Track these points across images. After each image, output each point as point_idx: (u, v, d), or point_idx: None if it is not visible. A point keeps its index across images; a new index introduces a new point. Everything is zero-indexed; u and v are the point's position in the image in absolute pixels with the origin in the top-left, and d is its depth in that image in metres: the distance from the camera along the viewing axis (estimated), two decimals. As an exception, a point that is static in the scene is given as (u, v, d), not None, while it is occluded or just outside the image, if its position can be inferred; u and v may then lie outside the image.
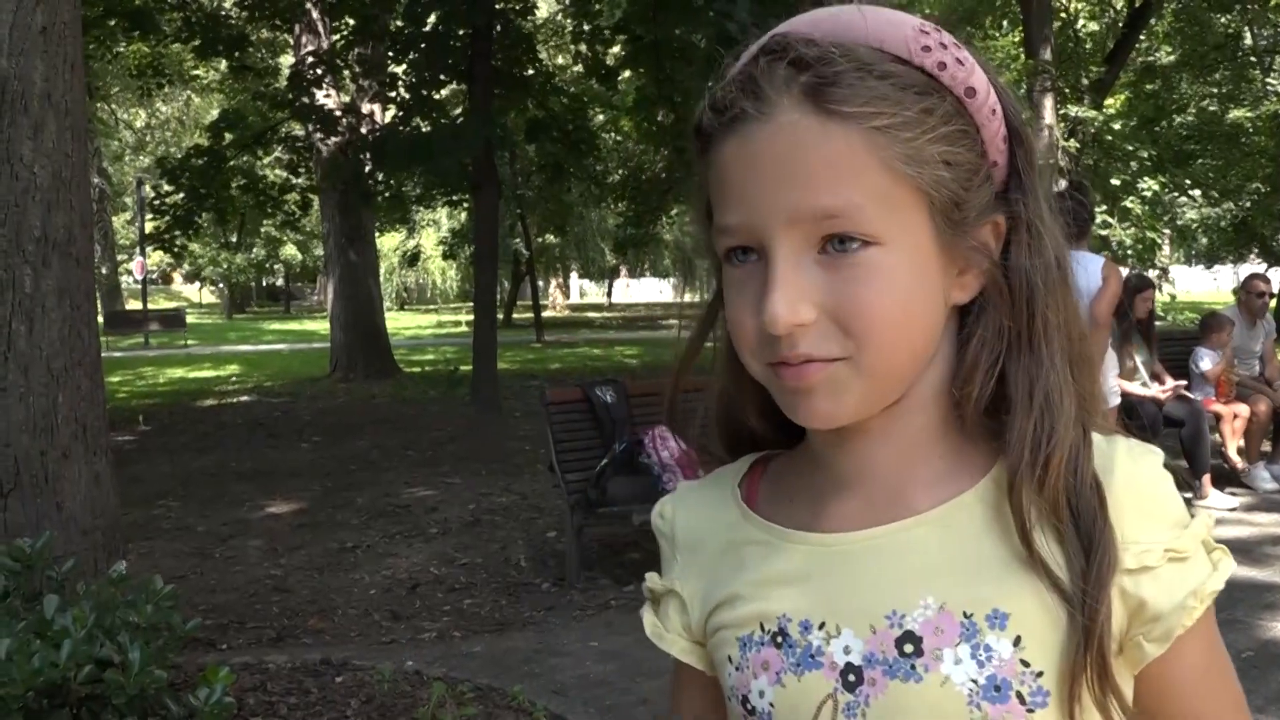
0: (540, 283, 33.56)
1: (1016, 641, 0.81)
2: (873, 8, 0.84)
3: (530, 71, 13.32)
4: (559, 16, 22.83)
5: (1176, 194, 26.72)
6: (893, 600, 0.84)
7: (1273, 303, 8.90)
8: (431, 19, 11.98)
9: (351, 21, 14.22)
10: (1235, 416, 7.84)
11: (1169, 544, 0.82)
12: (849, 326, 0.79)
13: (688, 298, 59.03)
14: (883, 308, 0.79)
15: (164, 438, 12.28)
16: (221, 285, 50.07)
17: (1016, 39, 21.65)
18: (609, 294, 60.05)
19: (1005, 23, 24.84)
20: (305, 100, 13.67)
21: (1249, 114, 21.80)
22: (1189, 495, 7.06)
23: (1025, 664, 0.80)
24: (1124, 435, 0.88)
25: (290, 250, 44.53)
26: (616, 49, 15.47)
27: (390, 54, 13.27)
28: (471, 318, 13.00)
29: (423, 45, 12.25)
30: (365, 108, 15.90)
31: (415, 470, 9.76)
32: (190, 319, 35.13)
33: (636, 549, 6.85)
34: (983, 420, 0.86)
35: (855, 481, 0.89)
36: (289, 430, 12.65)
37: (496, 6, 11.92)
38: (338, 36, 16.06)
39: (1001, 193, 0.86)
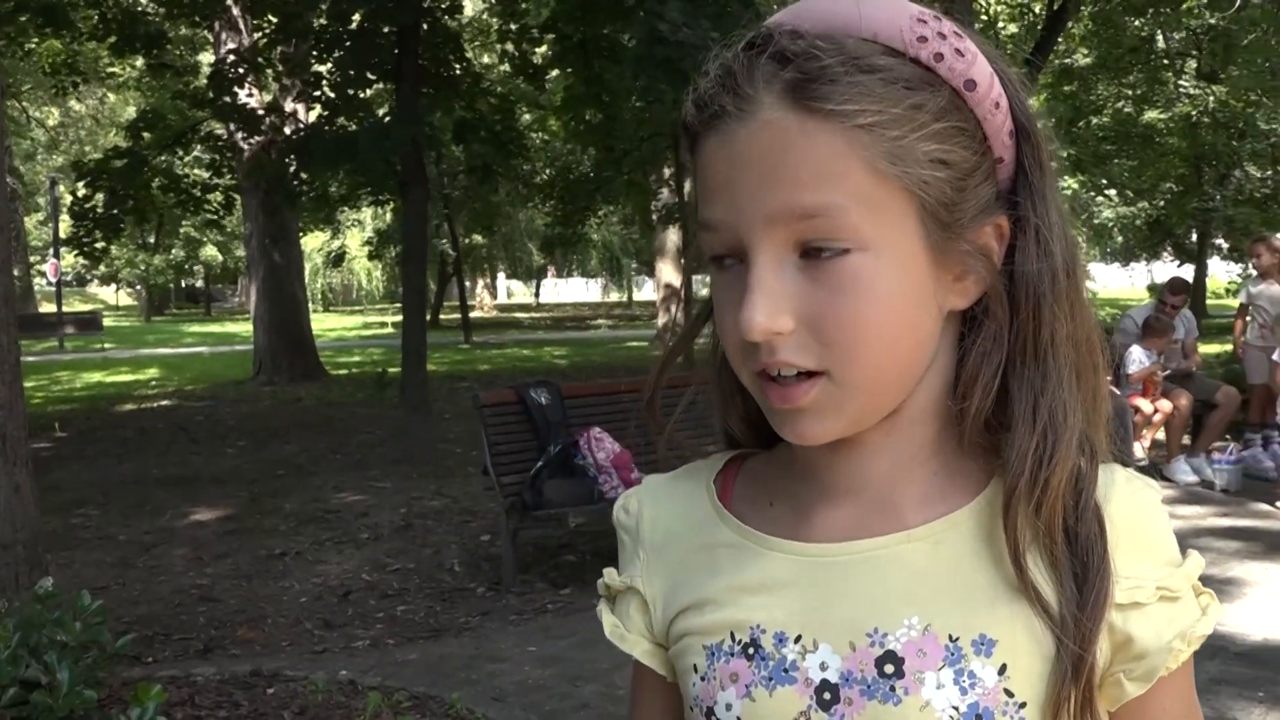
0: (467, 283, 33.33)
1: (1002, 670, 0.78)
2: None
3: (458, 71, 13.19)
4: (485, 15, 22.72)
5: (1094, 193, 27.34)
6: (875, 618, 0.81)
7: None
8: (356, 17, 11.81)
9: (274, 19, 13.97)
10: (1156, 412, 8.00)
11: (1161, 581, 0.80)
12: (828, 338, 0.76)
13: (615, 297, 59.34)
14: (864, 318, 0.76)
15: (82, 444, 11.98)
16: (139, 287, 49.09)
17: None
18: (537, 294, 60.00)
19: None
20: (227, 99, 13.41)
21: (1162, 116, 22.37)
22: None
23: (1009, 694, 0.78)
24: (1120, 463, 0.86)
25: (210, 251, 43.78)
26: (544, 48, 15.41)
27: (314, 52, 13.06)
28: (398, 319, 12.87)
29: (348, 43, 12.07)
30: (289, 106, 15.66)
31: (344, 474, 9.63)
32: (107, 322, 34.48)
33: (572, 551, 6.82)
34: (982, 434, 0.83)
35: (843, 491, 0.85)
36: (212, 435, 12.42)
37: (423, 5, 11.77)
38: (260, 34, 15.79)
39: (1007, 192, 0.82)
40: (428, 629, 5.46)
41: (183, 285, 55.34)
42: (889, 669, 0.79)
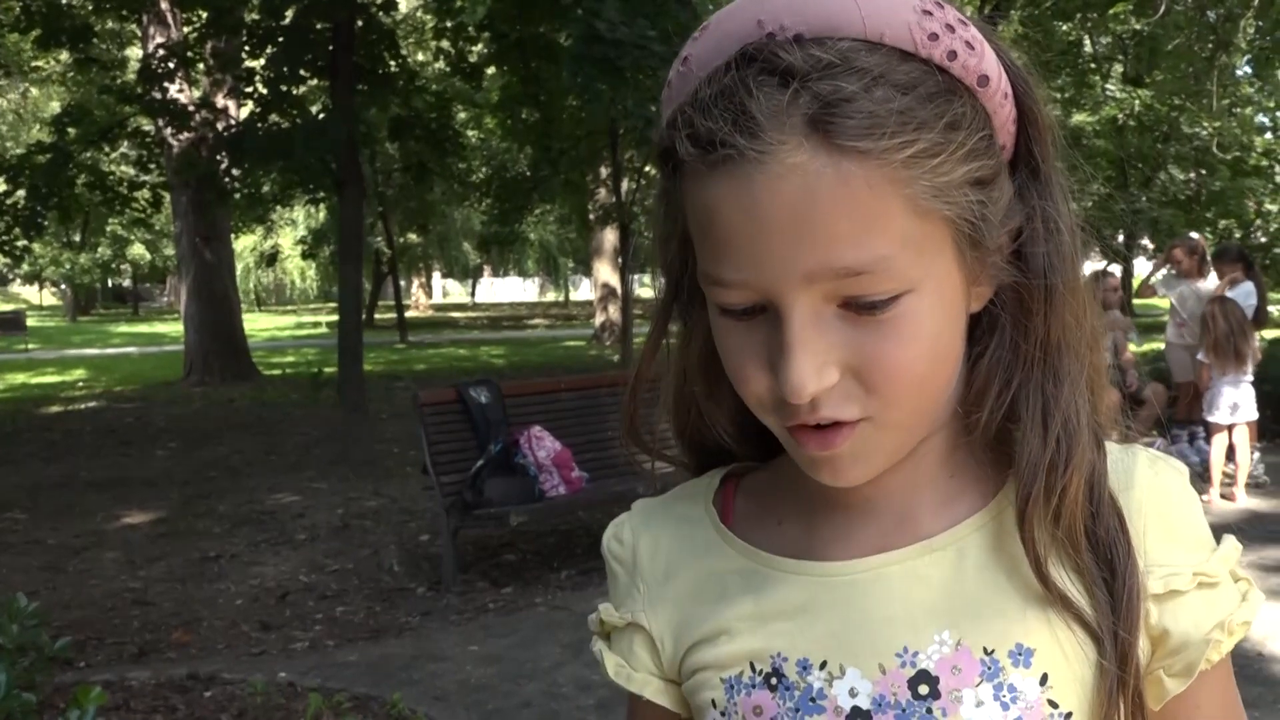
0: (402, 282, 33.10)
1: (1043, 680, 0.73)
2: None
3: (394, 68, 13.11)
4: (419, 13, 22.58)
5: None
6: (904, 637, 0.76)
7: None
8: (290, 13, 11.70)
9: (203, 14, 13.78)
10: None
11: (1197, 568, 0.75)
12: (873, 385, 0.70)
13: (551, 297, 59.18)
14: (910, 362, 0.70)
15: (6, 447, 11.74)
16: (64, 286, 48.15)
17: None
18: (473, 293, 59.75)
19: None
20: (156, 94, 13.20)
21: (1090, 118, 22.81)
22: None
23: (1054, 704, 0.73)
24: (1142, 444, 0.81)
25: (138, 250, 43.03)
26: (480, 46, 15.35)
27: (246, 48, 12.91)
28: (333, 319, 12.76)
29: (281, 39, 11.96)
30: (220, 102, 15.45)
31: (279, 476, 9.52)
32: (31, 322, 33.81)
33: (512, 550, 6.81)
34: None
35: (856, 505, 0.80)
36: (142, 437, 12.21)
37: (358, 1, 11.69)
38: (189, 28, 15.56)
39: (1013, 179, 0.75)
40: (368, 630, 5.42)
41: (109, 285, 54.39)
42: (923, 690, 0.75)
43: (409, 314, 32.65)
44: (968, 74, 0.70)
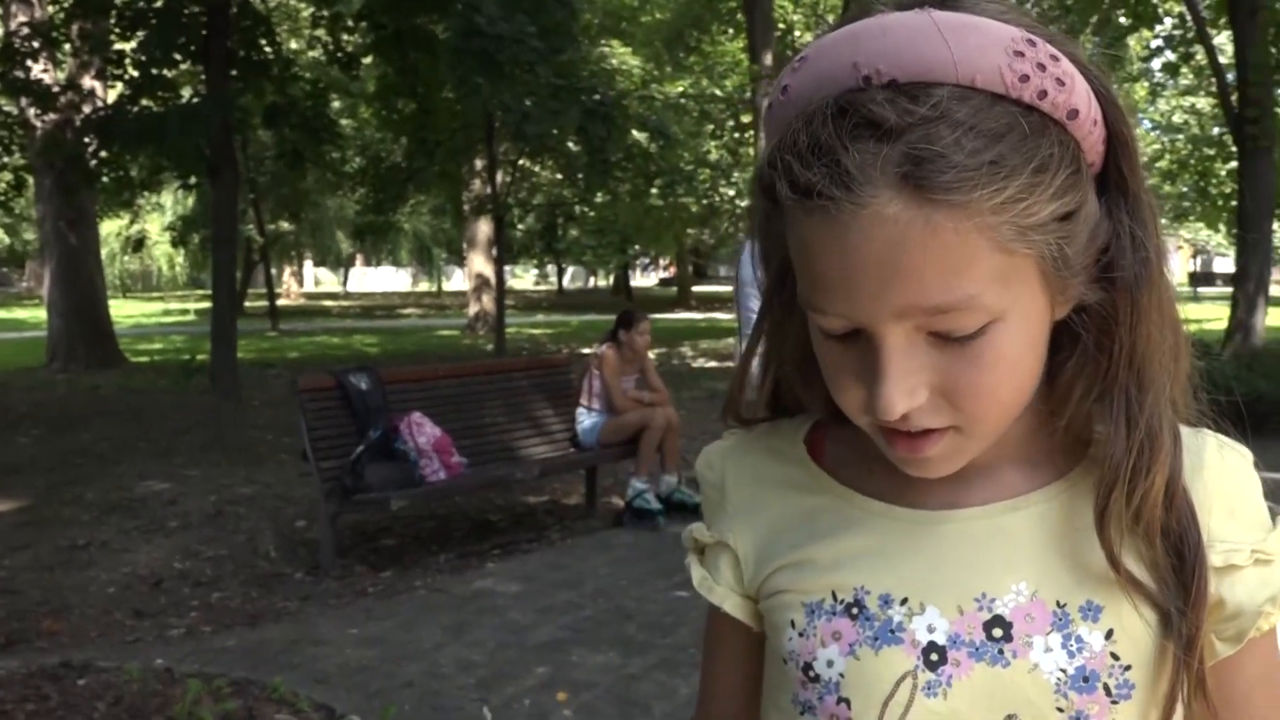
0: (274, 270, 32.45)
1: (1109, 635, 0.80)
2: (951, 19, 0.72)
3: (269, 55, 12.92)
4: (295, 1, 22.21)
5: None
6: (983, 583, 0.82)
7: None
8: (161, -5, 11.46)
9: (69, -8, 13.38)
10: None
11: (1256, 545, 0.82)
12: (961, 402, 0.75)
13: (424, 287, 58.42)
14: (995, 385, 0.75)
15: None
16: (-86, 270, 45.99)
17: (741, 44, 22.66)
18: (345, 282, 58.81)
19: (731, 30, 25.93)
20: (18, 74, 12.77)
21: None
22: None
23: (1115, 657, 0.79)
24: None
25: (-5, 233, 41.39)
26: (356, 36, 15.20)
27: (116, 29, 12.58)
28: (201, 306, 12.55)
29: (152, 21, 11.69)
30: (87, 84, 15.01)
31: (149, 463, 9.35)
32: (-122, 306, 32.23)
33: (390, 535, 6.86)
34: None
35: None
36: (2, 423, 11.81)
37: (232, -16, 11.52)
38: (55, 8, 15.08)
39: (1101, 198, 0.78)
40: (245, 615, 5.41)
41: (-37, 268, 52.12)
42: (997, 633, 0.81)
43: (280, 302, 32.04)
44: (1057, 110, 0.72)
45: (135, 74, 12.31)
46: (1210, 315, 25.21)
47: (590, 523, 7.14)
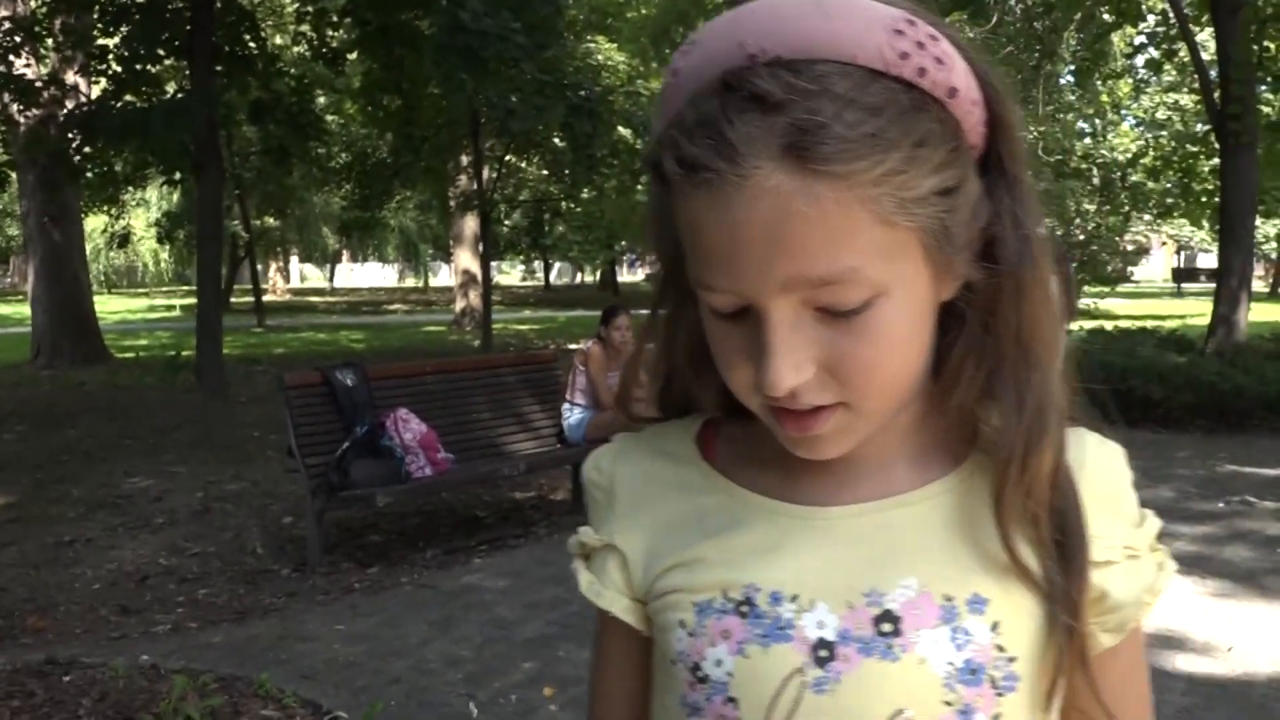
0: (259, 266, 32.38)
1: (994, 627, 0.80)
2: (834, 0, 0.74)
3: (254, 50, 12.90)
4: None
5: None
6: (872, 579, 0.82)
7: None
8: (146, -10, 11.45)
9: (52, -13, 13.34)
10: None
11: (1128, 541, 0.84)
12: (847, 378, 0.76)
13: (411, 283, 58.31)
14: (881, 360, 0.76)
15: None
16: (-104, 266, 45.74)
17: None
18: (331, 278, 58.69)
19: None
20: (1, 69, 12.73)
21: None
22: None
23: (1001, 649, 0.80)
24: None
25: (-22, 229, 41.21)
26: (341, 32, 15.18)
27: (100, 25, 12.54)
28: (186, 302, 12.55)
29: (136, 17, 11.67)
30: (70, 79, 14.96)
31: (135, 460, 9.34)
32: None
33: (377, 531, 6.86)
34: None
35: (835, 461, 0.84)
36: (-13, 421, 11.80)
37: (216, -20, 11.51)
38: (37, 2, 15.03)
39: (984, 182, 0.80)
40: (232, 611, 5.42)
41: (-55, 265, 51.88)
42: (886, 628, 0.81)
43: (266, 298, 31.98)
44: (936, 88, 0.74)
45: (119, 69, 12.28)
46: (1193, 311, 25.55)
47: (577, 518, 7.04)
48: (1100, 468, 0.85)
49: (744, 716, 0.83)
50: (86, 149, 12.39)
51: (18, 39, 12.91)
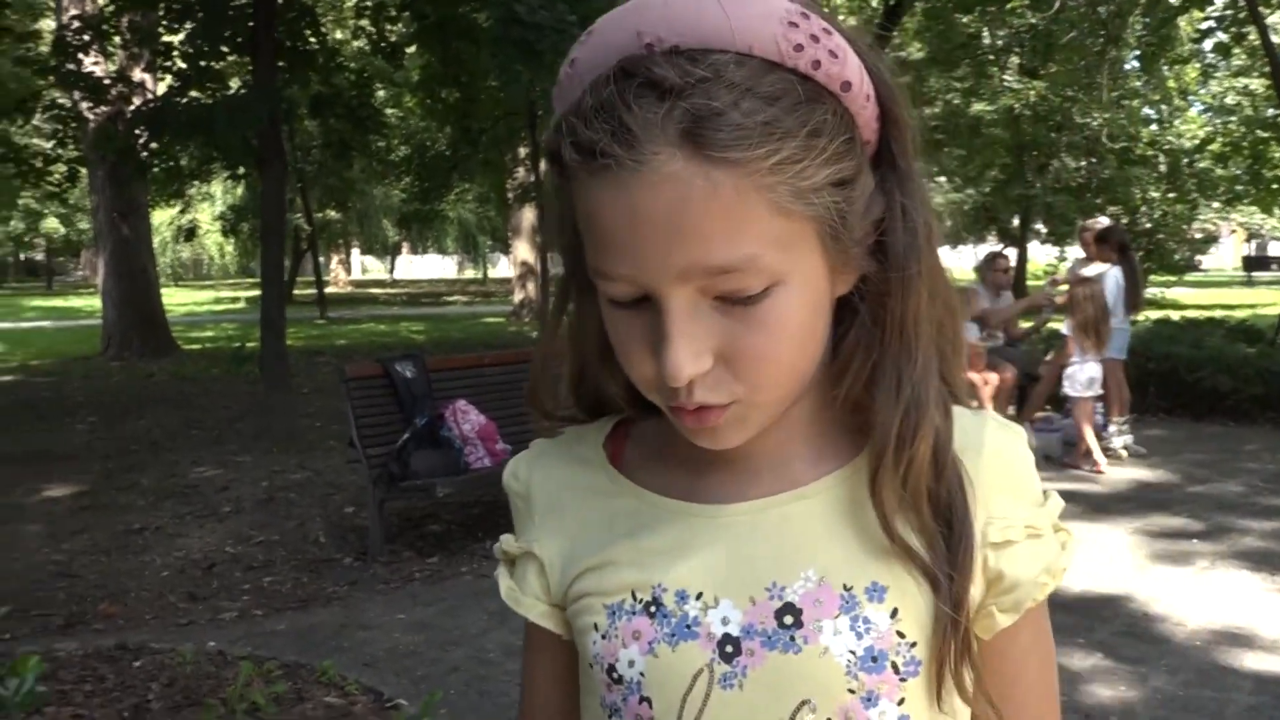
0: (321, 259, 32.76)
1: (894, 614, 0.82)
2: None
3: (315, 45, 13.04)
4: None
5: (926, 180, 28.67)
6: (773, 572, 0.83)
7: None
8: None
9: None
10: (986, 383, 8.49)
11: (1028, 521, 0.85)
12: (742, 371, 0.77)
13: (470, 274, 58.67)
14: (777, 351, 0.77)
15: (-81, 421, 11.53)
16: (-27, 260, 46.84)
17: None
18: (392, 270, 59.21)
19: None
20: (71, 67, 12.99)
21: (988, 108, 23.45)
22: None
23: (901, 635, 0.81)
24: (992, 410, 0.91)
25: (52, 223, 42.01)
26: (399, 26, 15.30)
27: (164, 22, 12.75)
28: (251, 294, 12.74)
29: (200, 14, 11.84)
30: (137, 76, 15.22)
31: (202, 449, 9.51)
32: (-62, 296, 32.87)
33: (436, 521, 6.93)
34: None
35: (736, 457, 0.86)
36: (60, 411, 12.05)
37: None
38: (105, 1, 15.31)
39: (875, 173, 0.81)
40: (295, 599, 5.51)
41: (21, 258, 53.02)
42: (788, 620, 0.82)
43: (328, 290, 32.34)
44: (831, 81, 0.75)
45: (184, 66, 12.47)
46: (1264, 300, 25.00)
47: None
48: (1000, 450, 0.86)
49: (658, 715, 0.85)
50: (153, 145, 12.60)
51: (86, 37, 13.16)
